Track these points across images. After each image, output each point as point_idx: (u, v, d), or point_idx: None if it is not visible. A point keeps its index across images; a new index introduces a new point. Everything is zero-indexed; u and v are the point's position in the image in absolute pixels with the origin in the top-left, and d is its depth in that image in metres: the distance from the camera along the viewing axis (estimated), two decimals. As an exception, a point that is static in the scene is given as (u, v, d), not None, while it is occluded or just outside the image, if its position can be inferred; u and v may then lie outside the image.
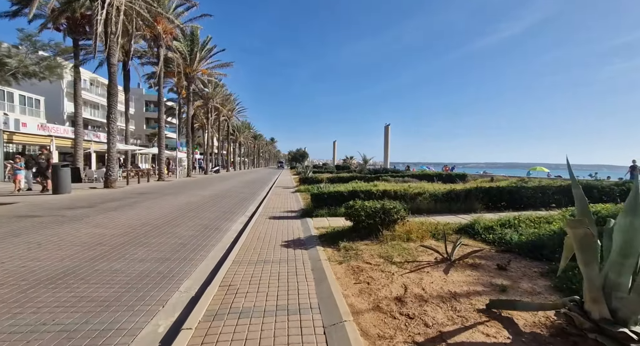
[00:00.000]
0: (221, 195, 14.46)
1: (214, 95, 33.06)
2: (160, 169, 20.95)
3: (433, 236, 5.72)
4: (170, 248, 5.53)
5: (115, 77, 14.59)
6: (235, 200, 13.08)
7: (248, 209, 10.65)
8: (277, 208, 10.59)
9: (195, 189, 17.16)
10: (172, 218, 8.38)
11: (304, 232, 6.90)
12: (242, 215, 9.52)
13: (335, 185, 15.77)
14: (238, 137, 56.43)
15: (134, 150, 26.89)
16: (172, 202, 11.52)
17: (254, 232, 6.82)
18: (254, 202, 12.51)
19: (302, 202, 11.92)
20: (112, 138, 14.71)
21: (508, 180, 17.74)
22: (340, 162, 56.86)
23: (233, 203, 12.08)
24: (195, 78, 26.91)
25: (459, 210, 8.59)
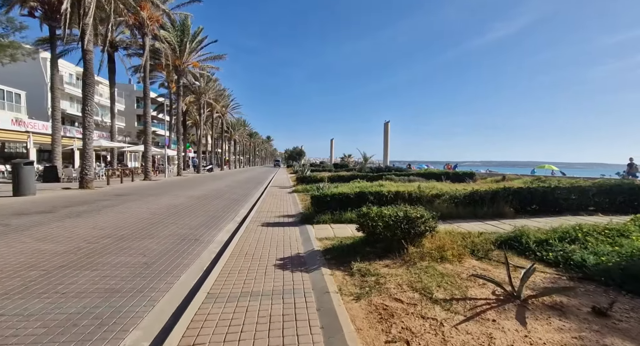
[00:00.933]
0: (210, 196, 13.07)
1: (207, 90, 31.49)
2: (146, 168, 19.48)
3: (472, 253, 4.43)
4: (128, 272, 4.17)
5: (91, 65, 13.10)
6: (225, 202, 11.71)
7: (239, 213, 9.30)
8: (272, 211, 9.25)
9: (182, 189, 15.74)
10: (145, 226, 7.00)
11: (303, 244, 5.58)
12: (231, 220, 8.18)
13: (337, 185, 14.46)
14: (233, 134, 54.78)
15: (120, 147, 25.33)
16: (151, 205, 10.12)
17: (243, 245, 5.48)
18: (246, 204, 11.15)
19: (301, 205, 10.60)
20: (88, 134, 13.23)
21: (522, 179, 16.61)
22: (337, 160, 55.60)
23: (222, 205, 10.71)
24: (186, 71, 25.36)
25: (486, 215, 7.32)
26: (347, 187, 13.50)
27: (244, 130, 63.78)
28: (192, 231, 6.71)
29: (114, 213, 8.47)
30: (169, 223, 7.35)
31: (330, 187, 13.25)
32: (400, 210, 4.70)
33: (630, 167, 17.07)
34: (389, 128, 36.41)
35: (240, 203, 11.36)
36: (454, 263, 4.04)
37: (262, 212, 9.25)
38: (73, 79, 38.16)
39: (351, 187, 12.61)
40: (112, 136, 23.75)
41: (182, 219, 7.98)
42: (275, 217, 8.31)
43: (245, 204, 11.28)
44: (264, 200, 11.88)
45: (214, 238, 6.24)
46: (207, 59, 25.91)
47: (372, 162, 45.43)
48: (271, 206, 10.39)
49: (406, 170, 19.94)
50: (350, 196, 7.56)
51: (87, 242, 5.55)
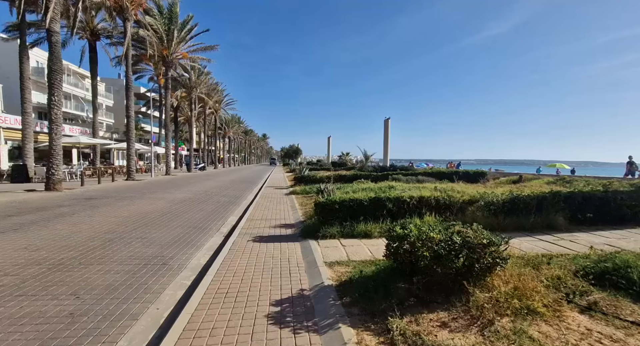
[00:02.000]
0: (197, 199, 11.50)
1: (198, 84, 29.68)
2: (129, 166, 17.79)
3: (567, 298, 2.95)
4: (34, 335, 2.64)
5: (58, 48, 11.38)
6: (213, 206, 10.14)
7: (227, 222, 7.76)
8: (267, 219, 7.72)
9: (167, 191, 14.12)
10: (99, 244, 5.43)
11: (308, 272, 4.08)
12: (217, 232, 6.65)
13: (339, 186, 12.97)
14: (227, 131, 52.91)
15: (105, 144, 23.55)
16: (120, 212, 8.53)
17: (224, 275, 3.97)
18: (237, 210, 9.61)
19: (300, 210, 9.08)
20: (55, 128, 11.55)
21: (542, 179, 15.26)
22: (335, 158, 54.09)
23: (208, 211, 9.15)
24: (175, 63, 23.61)
25: (534, 227, 5.88)
26: (351, 187, 12.02)
27: (238, 127, 61.86)
28: (162, 250, 5.16)
29: (68, 224, 6.87)
30: (134, 239, 5.78)
31: (332, 187, 11.78)
32: (454, 231, 3.21)
33: (630, 165, 17.03)
34: (389, 125, 34.91)
35: (230, 208, 9.81)
36: (551, 321, 2.56)
37: (254, 220, 7.72)
38: (56, 72, 36.11)
39: (355, 188, 11.14)
40: (95, 132, 21.97)
41: (154, 232, 6.42)
42: (271, 228, 6.79)
43: (236, 209, 9.73)
44: (258, 204, 10.34)
45: (189, 261, 4.70)
46: (198, 50, 24.19)
47: (371, 161, 44.04)
48: (266, 212, 8.86)
49: (413, 169, 18.54)
50: (363, 203, 6.05)
51: (2, 273, 3.98)
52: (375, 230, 5.71)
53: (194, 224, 7.29)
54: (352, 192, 11.17)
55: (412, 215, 6.00)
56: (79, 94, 37.95)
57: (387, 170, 18.28)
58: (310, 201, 10.74)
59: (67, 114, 38.32)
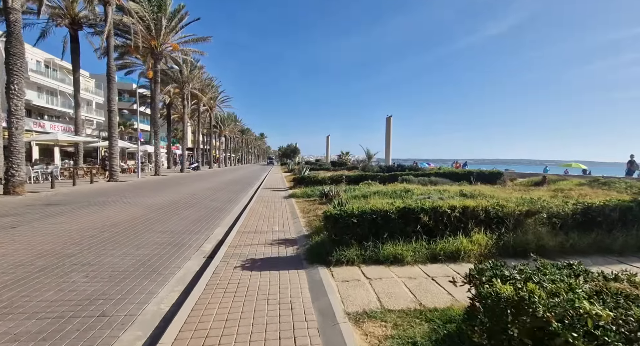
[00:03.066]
0: (182, 204, 9.93)
1: (191, 79, 27.97)
2: (111, 166, 16.16)
3: None
4: None
5: (18, 28, 9.72)
6: (198, 213, 8.58)
7: (212, 236, 6.21)
8: (262, 232, 6.18)
9: (150, 194, 12.53)
10: (18, 278, 3.86)
11: (324, 338, 2.54)
12: (196, 250, 5.12)
13: (346, 189, 11.45)
14: (223, 130, 51.15)
15: (88, 142, 21.87)
16: (78, 223, 6.93)
17: None
18: (226, 218, 8.05)
19: (303, 219, 7.53)
20: (16, 121, 9.90)
21: (571, 180, 13.77)
22: (334, 158, 52.56)
23: (192, 220, 7.59)
24: (164, 55, 21.94)
25: (625, 249, 4.36)
26: (359, 191, 10.48)
27: (234, 126, 60.07)
28: (110, 287, 3.61)
29: None
30: (75, 267, 4.21)
31: (340, 192, 10.24)
32: (614, 291, 1.68)
33: (631, 164, 16.92)
34: (391, 123, 33.42)
35: (220, 216, 8.25)
36: None
37: (247, 232, 6.18)
38: (41, 66, 34.20)
39: (365, 191, 9.62)
40: (77, 129, 20.28)
41: (111, 253, 4.85)
42: (266, 245, 5.25)
43: (226, 217, 8.17)
44: (253, 211, 8.78)
45: (142, 310, 3.15)
46: (189, 41, 22.50)
47: (373, 160, 42.55)
48: (261, 222, 7.31)
49: (423, 169, 17.05)
50: (390, 215, 4.50)
51: None
52: (407, 253, 4.19)
53: (168, 240, 5.72)
54: (361, 195, 9.66)
55: (455, 231, 4.49)
56: (66, 90, 36.08)
57: (395, 170, 16.79)
58: (312, 206, 9.22)
59: (53, 111, 36.50)
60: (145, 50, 21.68)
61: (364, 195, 9.33)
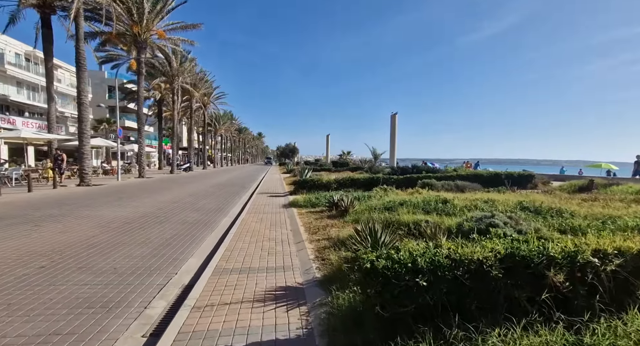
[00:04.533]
0: (152, 218, 7.79)
1: (181, 72, 25.71)
2: (82, 167, 13.99)
3: None
4: None
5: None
6: (168, 232, 6.43)
7: (173, 279, 4.07)
8: (251, 273, 4.06)
9: (118, 203, 10.39)
10: None
11: None
12: (134, 319, 2.99)
13: (358, 196, 9.37)
14: (218, 128, 48.81)
15: (65, 140, 19.66)
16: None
17: None
18: (205, 241, 5.91)
19: (310, 245, 5.39)
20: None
21: (631, 186, 11.51)
22: (335, 157, 50.48)
23: (155, 246, 5.45)
24: (149, 43, 19.74)
25: None
26: (379, 200, 8.36)
27: (230, 124, 57.59)
28: None
29: None
30: None
31: (350, 198, 8.15)
32: None
33: (637, 164, 16.94)
34: (396, 121, 31.38)
35: (196, 237, 6.12)
36: None
37: (228, 271, 4.09)
38: (21, 59, 31.84)
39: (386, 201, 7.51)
40: (50, 125, 18.07)
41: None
42: (256, 306, 3.14)
43: (205, 239, 6.04)
44: (243, 228, 6.67)
45: None
46: (177, 28, 20.25)
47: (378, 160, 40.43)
48: (252, 248, 5.20)
49: (443, 171, 14.95)
50: (487, 269, 2.38)
51: None
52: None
53: (93, 294, 3.56)
54: (382, 206, 7.55)
55: (611, 304, 2.38)
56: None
57: (409, 171, 14.70)
58: (320, 221, 7.12)
59: (35, 108, 34.10)
60: (128, 38, 19.49)
61: (386, 206, 7.24)
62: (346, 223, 6.73)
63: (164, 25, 19.93)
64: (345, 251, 4.57)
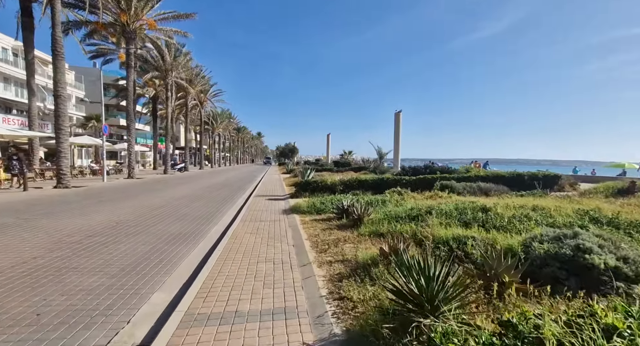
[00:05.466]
0: (124, 229, 6.45)
1: (175, 66, 24.31)
2: (59, 167, 12.64)
3: None
4: None
5: None
6: (139, 249, 5.08)
7: (112, 343, 2.73)
8: (240, 315, 2.71)
9: (95, 208, 9.05)
10: None
11: None
12: None
13: (370, 200, 8.07)
14: (215, 127, 47.36)
15: (48, 138, 18.25)
16: None
17: None
18: (177, 268, 4.54)
19: (320, 271, 4.03)
20: None
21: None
22: (336, 157, 49.10)
23: (109, 277, 4.11)
24: (139, 34, 18.37)
25: None
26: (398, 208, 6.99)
27: (229, 123, 56.09)
28: None
29: None
30: None
31: (363, 205, 6.83)
32: None
33: None
34: (400, 119, 30.03)
35: (171, 259, 4.77)
36: None
37: (205, 318, 2.76)
38: (9, 54, 30.44)
39: (408, 208, 6.18)
40: (31, 122, 16.71)
41: None
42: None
43: (181, 262, 4.69)
44: (235, 242, 5.34)
45: None
46: (169, 18, 18.84)
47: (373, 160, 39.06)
48: (243, 276, 3.86)
49: (457, 172, 13.58)
50: None
51: None
52: None
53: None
54: (406, 215, 6.20)
55: None
56: (39, 82, 32.32)
57: (422, 172, 13.37)
58: (329, 234, 5.79)
59: (23, 105, 32.69)
60: (117, 29, 18.11)
61: (409, 214, 5.90)
62: (362, 236, 5.41)
63: (154, 15, 18.59)
64: (371, 283, 3.26)
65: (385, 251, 3.76)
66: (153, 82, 29.96)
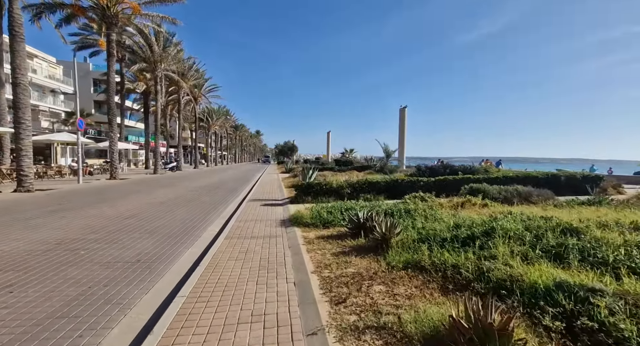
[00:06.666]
0: (60, 255, 4.75)
1: (165, 57, 22.47)
2: (19, 167, 10.89)
3: None
4: None
5: None
6: (55, 299, 3.39)
7: None
8: None
9: (34, 221, 7.34)
10: None
11: None
12: None
13: (396, 213, 6.40)
14: (211, 124, 45.46)
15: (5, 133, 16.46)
16: None
17: None
18: (112, 329, 2.85)
19: (344, 343, 2.34)
20: None
21: None
22: (338, 155, 47.35)
23: None
24: (122, 19, 16.57)
25: None
26: (443, 223, 5.17)
27: (225, 120, 54.12)
28: None
29: None
30: None
31: (391, 223, 5.15)
32: None
33: None
34: (405, 115, 28.29)
35: (109, 309, 3.06)
36: None
37: None
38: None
39: (446, 221, 4.54)
40: (1, 116, 14.91)
41: None
42: None
43: (120, 315, 2.99)
44: (210, 277, 3.64)
45: None
46: (156, 2, 17.00)
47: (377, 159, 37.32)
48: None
49: (484, 172, 11.82)
50: None
51: None
52: None
53: None
54: (453, 236, 4.49)
55: None
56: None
57: (440, 172, 11.67)
58: (346, 264, 4.08)
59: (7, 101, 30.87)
60: (98, 13, 16.29)
61: (457, 235, 4.23)
62: (394, 269, 3.73)
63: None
64: None
65: (460, 325, 2.07)
66: (144, 76, 28.13)
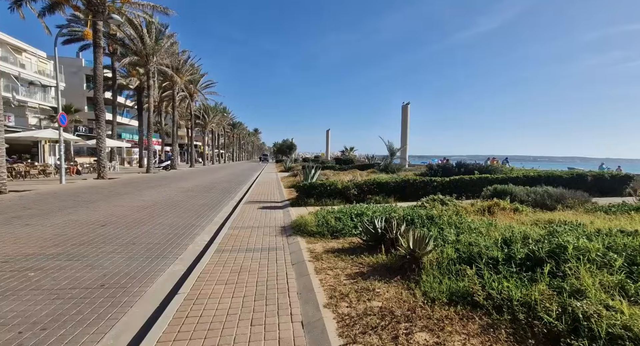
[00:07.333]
0: (8, 278, 3.76)
1: (157, 50, 21.28)
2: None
3: None
4: None
5: None
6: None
7: None
8: None
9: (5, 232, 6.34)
10: None
11: None
12: None
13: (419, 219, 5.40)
14: (208, 122, 44.27)
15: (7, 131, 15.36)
16: None
17: None
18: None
19: None
20: None
21: None
22: (337, 154, 46.40)
23: None
24: (109, 7, 15.43)
25: None
26: (490, 239, 4.23)
27: (222, 118, 52.85)
28: None
29: None
30: None
31: (427, 236, 4.15)
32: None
33: None
34: (408, 112, 27.30)
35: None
36: None
37: None
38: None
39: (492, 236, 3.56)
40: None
41: None
42: None
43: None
44: (190, 315, 2.64)
45: None
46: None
47: (381, 158, 36.39)
48: None
49: (503, 172, 10.87)
50: None
51: None
52: None
53: None
54: (502, 255, 3.54)
55: None
56: (10, 71, 29.26)
57: (454, 171, 10.72)
58: (367, 291, 3.04)
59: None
60: (84, 1, 15.20)
61: (511, 254, 3.28)
62: (436, 303, 2.77)
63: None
64: None
65: None
66: (137, 71, 26.98)
